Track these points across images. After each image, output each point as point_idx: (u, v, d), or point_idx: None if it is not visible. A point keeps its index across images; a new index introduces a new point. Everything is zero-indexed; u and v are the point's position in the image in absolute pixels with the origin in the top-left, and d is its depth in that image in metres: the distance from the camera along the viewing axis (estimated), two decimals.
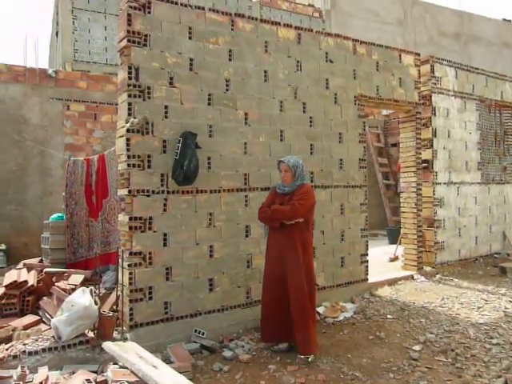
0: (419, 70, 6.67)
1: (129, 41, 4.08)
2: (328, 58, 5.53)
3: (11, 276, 4.81)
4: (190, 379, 3.17)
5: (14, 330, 4.00)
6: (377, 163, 12.46)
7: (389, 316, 4.97)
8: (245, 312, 4.67)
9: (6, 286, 4.63)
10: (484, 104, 8.08)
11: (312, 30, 5.44)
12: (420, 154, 6.87)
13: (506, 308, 5.17)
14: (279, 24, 5.13)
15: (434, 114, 7.13)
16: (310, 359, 3.84)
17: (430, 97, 7.05)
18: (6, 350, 3.56)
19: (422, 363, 3.79)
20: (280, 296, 3.96)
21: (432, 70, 7.10)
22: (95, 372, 3.36)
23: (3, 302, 4.53)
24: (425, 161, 7.02)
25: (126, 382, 2.88)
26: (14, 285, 4.64)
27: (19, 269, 5.15)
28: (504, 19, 19.53)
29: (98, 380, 3.02)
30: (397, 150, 9.00)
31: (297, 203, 3.91)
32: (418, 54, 6.72)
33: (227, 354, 3.99)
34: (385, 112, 12.79)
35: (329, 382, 3.50)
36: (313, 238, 4.24)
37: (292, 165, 4.05)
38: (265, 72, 4.96)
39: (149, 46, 4.19)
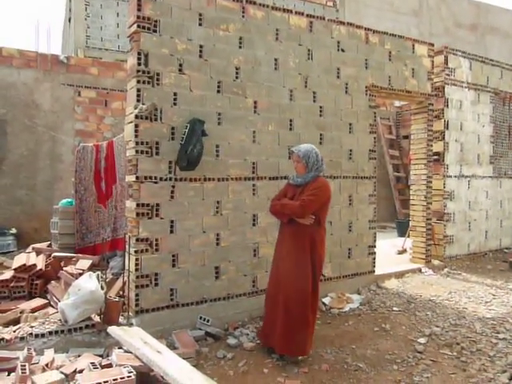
0: (432, 61, 6.56)
1: (138, 26, 4.05)
2: (340, 46, 5.46)
3: (20, 259, 4.87)
4: (193, 365, 3.19)
5: (21, 312, 4.06)
6: (388, 155, 12.35)
7: (395, 308, 4.95)
8: (250, 300, 4.68)
9: (15, 269, 4.69)
10: (498, 97, 7.94)
11: (324, 19, 5.37)
12: (431, 146, 6.80)
13: None
14: (291, 12, 5.07)
15: (447, 105, 7.02)
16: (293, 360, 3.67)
17: (443, 88, 6.94)
18: (14, 331, 3.62)
19: (426, 356, 3.77)
20: (278, 296, 3.70)
21: (446, 61, 6.98)
22: (100, 356, 3.41)
23: (12, 284, 4.59)
24: (436, 153, 6.94)
25: (131, 366, 2.90)
26: (23, 268, 4.69)
27: (28, 253, 5.20)
28: None
29: (102, 363, 3.05)
30: (408, 142, 8.92)
31: (307, 199, 3.58)
32: (432, 45, 6.60)
33: (232, 341, 4.01)
34: (397, 103, 12.65)
35: (332, 373, 3.51)
36: (325, 233, 3.91)
37: (303, 155, 3.72)
38: (275, 60, 4.91)
39: (158, 32, 4.17)
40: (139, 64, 4.07)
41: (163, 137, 4.19)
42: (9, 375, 3.03)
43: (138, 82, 4.08)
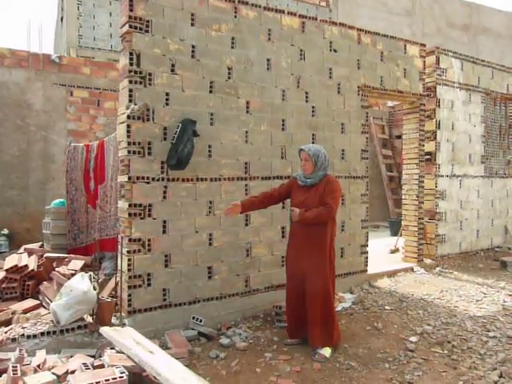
0: (424, 61, 6.61)
1: (130, 26, 4.05)
2: (332, 47, 5.48)
3: (12, 260, 4.84)
4: (186, 365, 3.19)
5: (13, 313, 4.04)
6: (380, 155, 12.40)
7: (387, 307, 4.98)
8: (243, 300, 4.69)
9: (6, 270, 4.66)
10: (489, 97, 8.01)
11: (316, 19, 5.39)
12: (423, 145, 6.84)
13: (504, 301, 5.16)
14: (283, 12, 5.08)
15: (439, 105, 7.07)
16: (327, 354, 3.75)
17: (435, 88, 6.99)
18: (5, 332, 3.60)
19: (418, 354, 3.80)
20: (302, 291, 3.84)
21: (437, 62, 7.03)
22: (93, 356, 3.39)
23: (4, 285, 4.56)
24: (428, 153, 6.99)
25: (123, 366, 2.90)
26: (15, 269, 4.67)
27: (20, 253, 5.18)
28: None
29: (94, 364, 3.04)
30: (401, 141, 8.97)
31: (333, 203, 3.72)
32: (424, 45, 6.65)
33: (224, 341, 4.02)
34: (390, 103, 12.70)
35: (324, 371, 3.52)
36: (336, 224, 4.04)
37: (313, 154, 3.81)
38: (267, 60, 4.92)
39: (151, 32, 4.16)
40: (131, 64, 4.07)
41: (155, 137, 4.19)
42: (0, 376, 3.02)
43: (130, 82, 4.07)
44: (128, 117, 4.03)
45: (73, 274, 4.33)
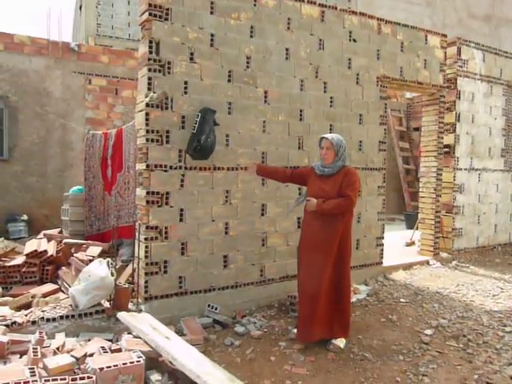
0: (445, 52, 6.49)
1: (150, 14, 4.05)
2: (351, 37, 5.41)
3: (32, 245, 4.94)
4: (201, 352, 3.23)
5: (33, 297, 4.13)
6: (397, 147, 12.27)
7: (402, 300, 4.96)
8: (258, 289, 4.72)
9: (26, 255, 4.76)
10: None
11: (336, 8, 5.32)
12: (442, 138, 6.75)
13: None
14: (303, 1, 5.03)
15: (459, 97, 6.96)
16: (342, 344, 3.76)
17: (456, 80, 6.87)
18: (26, 315, 3.68)
19: (432, 347, 3.78)
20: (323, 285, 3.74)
21: (458, 53, 6.90)
22: (110, 340, 3.46)
23: (24, 269, 4.66)
24: (446, 146, 6.89)
25: (140, 351, 2.95)
26: (35, 254, 4.76)
27: (40, 239, 5.27)
28: None
29: (112, 348, 3.11)
30: (419, 134, 8.85)
31: (353, 195, 3.64)
32: (445, 36, 6.53)
33: (239, 329, 4.05)
34: (408, 95, 12.53)
35: (338, 361, 3.53)
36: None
37: (336, 143, 3.72)
38: (286, 50, 4.89)
39: (170, 20, 4.16)
40: (150, 52, 4.08)
41: (174, 125, 4.20)
42: (21, 358, 3.10)
43: (149, 70, 4.08)
44: (147, 105, 4.05)
45: (90, 260, 4.40)
